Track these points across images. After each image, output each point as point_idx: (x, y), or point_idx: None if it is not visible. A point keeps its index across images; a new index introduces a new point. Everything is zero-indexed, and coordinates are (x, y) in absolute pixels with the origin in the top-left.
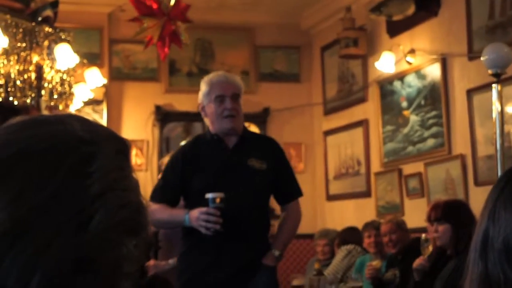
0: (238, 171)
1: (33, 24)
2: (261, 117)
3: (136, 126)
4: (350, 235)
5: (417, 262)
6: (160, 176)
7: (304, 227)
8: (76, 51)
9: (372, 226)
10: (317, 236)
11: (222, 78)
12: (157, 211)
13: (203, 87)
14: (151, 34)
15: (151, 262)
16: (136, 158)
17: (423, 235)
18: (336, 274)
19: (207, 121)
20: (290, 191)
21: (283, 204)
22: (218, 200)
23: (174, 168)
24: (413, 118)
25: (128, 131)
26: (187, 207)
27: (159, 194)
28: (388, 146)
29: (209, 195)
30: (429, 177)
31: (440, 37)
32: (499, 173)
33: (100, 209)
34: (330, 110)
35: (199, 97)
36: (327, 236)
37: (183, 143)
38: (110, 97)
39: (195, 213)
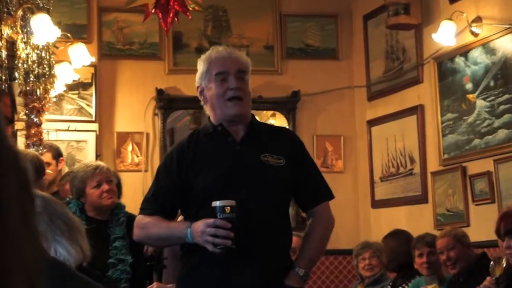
0: (250, 169)
1: None
2: (289, 104)
3: (133, 115)
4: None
5: (485, 285)
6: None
7: (343, 241)
8: (58, 23)
9: (424, 242)
10: (357, 250)
11: (223, 52)
12: (151, 225)
13: (200, 66)
14: (146, 0)
15: (154, 285)
16: (133, 155)
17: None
18: None
19: (207, 109)
20: (316, 192)
21: (307, 209)
22: (228, 210)
23: (169, 170)
24: (480, 104)
25: (123, 122)
26: (187, 219)
27: (151, 204)
28: (449, 138)
29: (216, 204)
30: (501, 177)
31: None
32: None
33: None
34: (375, 94)
35: (196, 78)
36: (371, 247)
37: None
38: (101, 79)
39: (200, 226)
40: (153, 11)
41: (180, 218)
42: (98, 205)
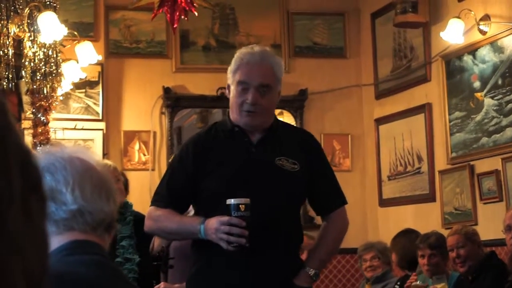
0: (263, 172)
1: None
2: (296, 102)
3: (140, 113)
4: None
5: None
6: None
7: (350, 239)
8: (64, 21)
9: (427, 243)
10: (360, 251)
11: (255, 58)
12: (163, 218)
13: (233, 61)
14: None
15: (162, 285)
16: (140, 154)
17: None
18: None
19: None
20: (331, 199)
21: (323, 215)
22: (242, 208)
23: (183, 162)
24: (488, 102)
25: (129, 120)
26: (198, 214)
27: (164, 196)
28: (457, 137)
29: (231, 201)
30: (509, 176)
31: None
32: None
33: None
34: (383, 92)
35: (228, 71)
36: (372, 248)
37: None
38: (108, 78)
39: (214, 223)
40: (161, 10)
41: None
42: None
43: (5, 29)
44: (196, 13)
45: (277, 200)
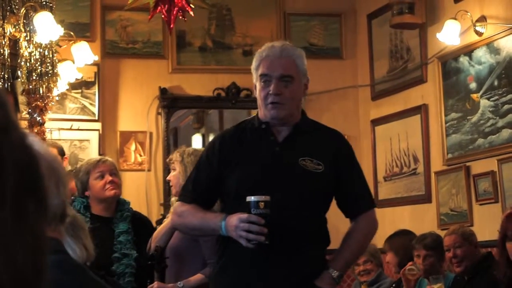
0: (285, 172)
1: None
2: None
3: (136, 114)
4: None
5: None
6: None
7: None
8: (61, 21)
9: (423, 244)
10: None
11: (274, 51)
12: (187, 214)
13: (254, 59)
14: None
15: (155, 285)
16: (136, 154)
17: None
18: None
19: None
20: (358, 202)
21: (350, 217)
22: (262, 205)
23: (210, 158)
24: (484, 103)
25: (126, 121)
26: (223, 211)
27: (189, 192)
28: (453, 138)
29: (251, 198)
30: (504, 177)
31: None
32: None
33: None
34: (379, 93)
35: (251, 70)
36: (364, 252)
37: None
38: (104, 78)
39: (234, 220)
40: (158, 10)
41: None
42: (102, 197)
43: (1, 29)
44: (192, 13)
45: (298, 200)
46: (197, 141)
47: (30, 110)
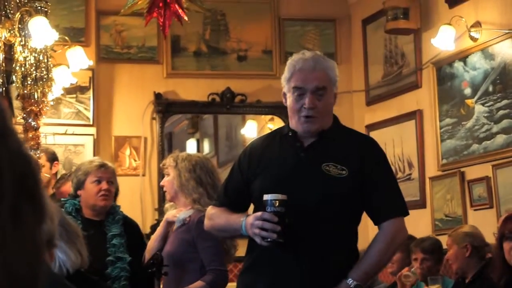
0: (308, 176)
1: None
2: (287, 108)
3: (131, 119)
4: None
5: None
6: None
7: None
8: (55, 26)
9: (420, 247)
10: None
11: (308, 63)
12: (215, 216)
13: (286, 69)
14: (142, 6)
15: None
16: (130, 159)
17: None
18: None
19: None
20: (384, 208)
21: (376, 224)
22: (276, 203)
23: (240, 164)
24: (479, 109)
25: (120, 126)
26: None
27: (220, 196)
28: (447, 143)
29: (267, 197)
30: (499, 182)
31: None
32: None
33: None
34: (374, 99)
35: (282, 79)
36: None
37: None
38: (98, 83)
39: (251, 218)
40: (154, 14)
41: None
42: (92, 204)
43: None
44: (186, 18)
45: (319, 204)
46: (191, 146)
47: (24, 115)
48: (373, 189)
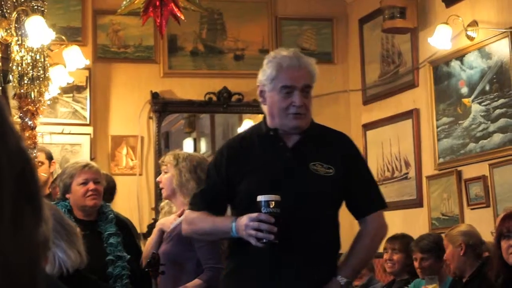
0: (297, 176)
1: None
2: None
3: (128, 118)
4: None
5: None
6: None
7: None
8: (52, 25)
9: (419, 247)
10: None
11: (294, 62)
12: (197, 220)
13: (268, 67)
14: (138, 5)
15: None
16: (127, 158)
17: None
18: None
19: (264, 108)
20: (366, 202)
21: (358, 218)
22: (272, 204)
23: (218, 166)
24: (476, 108)
25: (117, 125)
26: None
27: (199, 200)
28: (444, 143)
29: (261, 198)
30: (496, 181)
31: (509, 6)
32: None
33: None
34: (370, 98)
35: (259, 76)
36: None
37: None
38: (95, 82)
39: (244, 219)
40: (151, 14)
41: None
42: (82, 205)
43: None
44: (182, 17)
45: (310, 204)
46: (188, 145)
47: (21, 114)
48: (355, 185)
